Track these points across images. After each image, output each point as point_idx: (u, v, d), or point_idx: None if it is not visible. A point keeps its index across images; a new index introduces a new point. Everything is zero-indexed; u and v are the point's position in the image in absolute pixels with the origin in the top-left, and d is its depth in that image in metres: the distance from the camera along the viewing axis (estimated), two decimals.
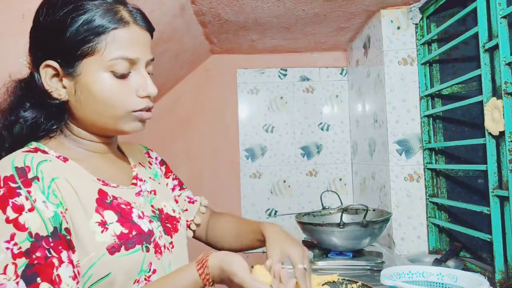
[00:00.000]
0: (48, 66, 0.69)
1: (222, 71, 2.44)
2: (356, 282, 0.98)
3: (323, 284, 0.99)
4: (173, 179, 1.00)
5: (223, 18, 1.85)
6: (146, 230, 0.73)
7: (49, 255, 0.60)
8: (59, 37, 0.67)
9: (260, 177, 2.41)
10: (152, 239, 0.74)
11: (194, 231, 1.00)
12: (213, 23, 1.90)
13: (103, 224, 0.68)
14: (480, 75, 1.33)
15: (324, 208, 1.67)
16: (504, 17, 1.23)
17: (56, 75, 0.70)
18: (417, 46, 1.75)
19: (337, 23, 1.98)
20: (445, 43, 1.61)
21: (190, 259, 0.85)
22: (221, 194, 2.40)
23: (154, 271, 0.73)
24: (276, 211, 2.39)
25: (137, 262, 0.69)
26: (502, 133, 1.23)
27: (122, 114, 0.71)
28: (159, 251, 0.75)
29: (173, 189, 0.98)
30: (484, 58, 1.31)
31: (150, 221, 0.76)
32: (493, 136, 1.27)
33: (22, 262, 0.58)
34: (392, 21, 1.78)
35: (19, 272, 0.57)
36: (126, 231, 0.70)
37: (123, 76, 0.69)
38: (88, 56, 0.67)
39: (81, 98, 0.69)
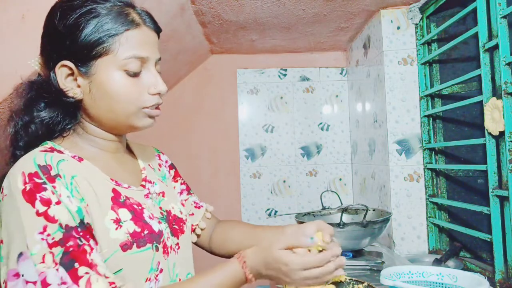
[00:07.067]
0: (63, 66, 0.72)
1: (222, 71, 2.44)
2: (362, 283, 0.99)
3: (329, 283, 0.99)
4: (181, 184, 1.02)
5: (223, 18, 1.85)
6: (156, 230, 0.76)
7: (80, 243, 0.63)
8: (74, 39, 0.71)
9: (260, 177, 2.41)
10: (161, 239, 0.77)
11: (198, 235, 1.01)
12: (213, 23, 1.90)
13: (118, 221, 0.71)
14: (480, 75, 1.33)
15: (324, 208, 1.67)
16: (504, 17, 1.23)
17: (71, 74, 0.73)
18: (417, 46, 1.75)
19: (337, 23, 1.97)
20: (445, 43, 1.61)
21: (194, 261, 0.89)
22: (221, 194, 2.40)
23: (161, 270, 0.76)
24: (276, 211, 2.39)
25: (147, 260, 0.72)
26: (502, 133, 1.23)
27: (134, 111, 0.75)
28: (166, 251, 0.78)
29: (180, 193, 1.00)
30: (484, 58, 1.31)
31: (159, 222, 0.79)
32: (493, 136, 1.27)
33: (58, 250, 0.61)
34: (392, 21, 1.78)
35: (57, 259, 0.61)
36: (139, 229, 0.72)
37: (135, 75, 0.73)
38: (103, 56, 0.71)
39: (96, 96, 0.73)
